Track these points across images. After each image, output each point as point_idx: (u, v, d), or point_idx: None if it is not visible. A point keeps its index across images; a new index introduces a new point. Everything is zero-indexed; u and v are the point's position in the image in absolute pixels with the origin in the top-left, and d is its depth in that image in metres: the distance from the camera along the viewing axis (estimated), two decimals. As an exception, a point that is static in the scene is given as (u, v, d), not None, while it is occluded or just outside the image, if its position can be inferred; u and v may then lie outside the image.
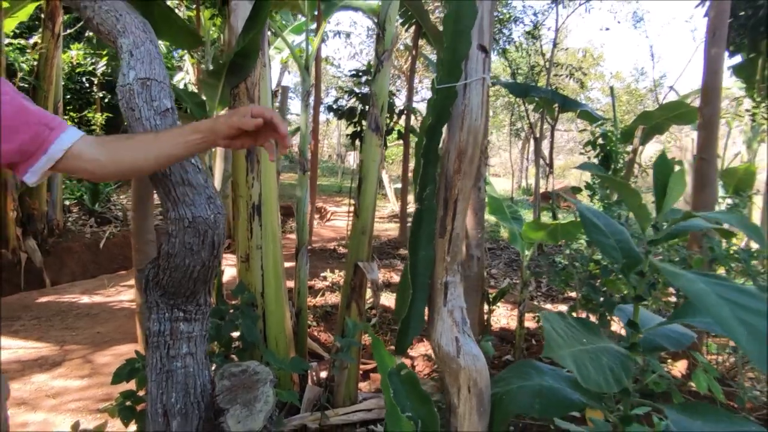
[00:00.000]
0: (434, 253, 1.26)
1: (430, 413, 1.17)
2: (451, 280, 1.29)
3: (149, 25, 1.51)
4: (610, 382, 0.97)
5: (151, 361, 1.57)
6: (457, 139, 1.20)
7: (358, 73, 7.62)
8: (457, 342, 1.25)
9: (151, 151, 1.14)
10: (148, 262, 1.60)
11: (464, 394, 1.24)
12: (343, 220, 9.55)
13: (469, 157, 1.20)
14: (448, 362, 1.26)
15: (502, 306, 5.21)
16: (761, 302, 0.79)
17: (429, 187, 1.22)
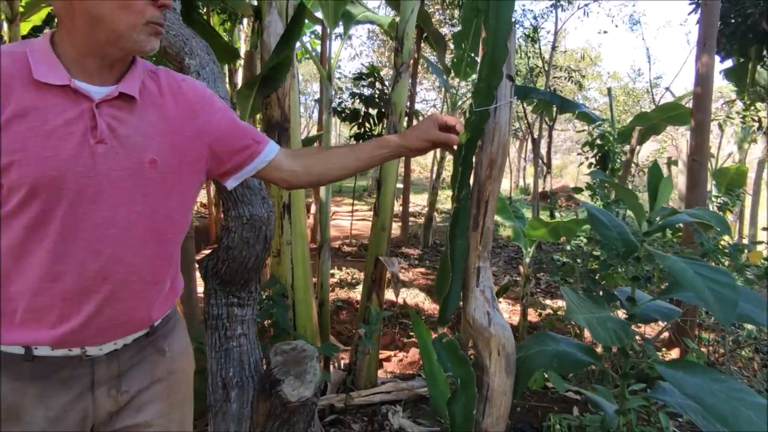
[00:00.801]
0: (468, 243, 1.50)
1: (467, 372, 1.41)
2: (483, 266, 1.53)
3: (211, 48, 1.73)
4: (614, 339, 1.20)
5: (210, 341, 1.79)
6: (489, 151, 1.45)
7: (361, 75, 7.85)
8: (488, 315, 1.49)
9: (342, 164, 1.29)
10: (205, 256, 1.83)
11: (495, 356, 1.48)
12: (345, 219, 9.76)
13: (498, 165, 1.45)
14: (481, 331, 1.50)
15: (504, 302, 5.45)
16: (727, 277, 1.02)
17: (465, 190, 1.46)
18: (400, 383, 2.87)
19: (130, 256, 1.02)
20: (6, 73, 0.90)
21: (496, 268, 7.21)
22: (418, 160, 21.74)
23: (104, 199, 0.97)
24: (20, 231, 0.93)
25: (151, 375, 1.12)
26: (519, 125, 16.01)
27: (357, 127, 7.54)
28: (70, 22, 0.95)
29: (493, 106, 1.40)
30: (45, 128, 0.91)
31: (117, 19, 0.94)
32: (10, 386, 0.95)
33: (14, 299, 0.95)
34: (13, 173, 0.89)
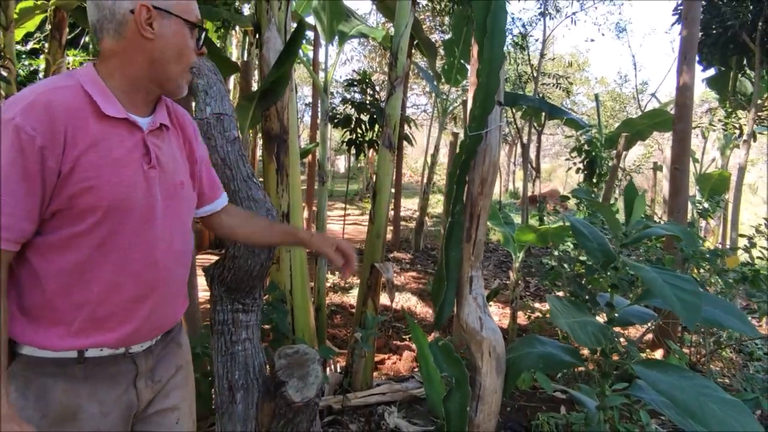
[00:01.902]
0: (461, 254, 1.61)
1: (461, 372, 1.52)
2: (475, 275, 1.64)
3: (217, 68, 1.83)
4: (593, 341, 1.32)
5: (216, 346, 1.88)
6: (481, 170, 1.58)
7: (352, 81, 7.96)
8: (480, 320, 1.61)
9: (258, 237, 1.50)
10: (212, 264, 1.92)
11: (486, 357, 1.59)
12: (337, 224, 9.85)
13: (489, 183, 1.58)
14: (473, 335, 1.61)
15: (494, 305, 5.57)
16: (692, 284, 1.15)
17: (459, 205, 1.58)
18: (395, 385, 2.98)
19: (172, 265, 1.18)
20: (76, 107, 1.01)
21: (487, 272, 7.33)
22: (409, 164, 21.89)
23: (155, 218, 1.11)
24: (89, 248, 1.04)
25: (175, 364, 1.28)
26: (509, 130, 16.21)
27: (349, 132, 7.65)
28: (127, 58, 1.08)
29: (485, 131, 1.52)
30: (113, 156, 1.04)
31: (172, 64, 1.11)
32: (63, 388, 1.05)
33: (74, 310, 1.05)
34: (89, 198, 1.01)
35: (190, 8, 1.13)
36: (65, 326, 1.05)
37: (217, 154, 1.71)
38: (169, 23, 1.09)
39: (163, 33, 1.09)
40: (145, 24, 1.06)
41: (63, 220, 1.02)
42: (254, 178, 1.80)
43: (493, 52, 1.44)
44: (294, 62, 2.46)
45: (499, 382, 1.61)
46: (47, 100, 0.98)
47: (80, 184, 1.00)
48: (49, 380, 1.05)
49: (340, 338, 4.21)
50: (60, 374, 1.06)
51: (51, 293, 1.04)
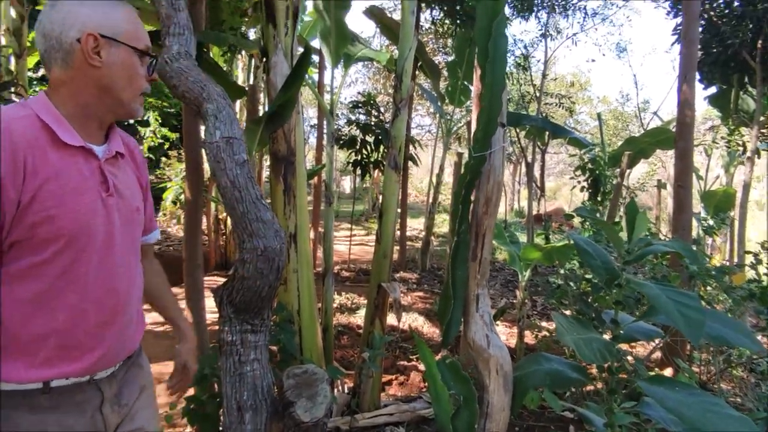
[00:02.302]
0: (467, 273, 1.64)
1: (469, 390, 1.53)
2: (481, 293, 1.66)
3: (226, 92, 1.88)
4: (599, 358, 1.33)
5: (225, 366, 1.89)
6: (485, 189, 1.61)
7: (357, 104, 8.06)
8: (487, 338, 1.63)
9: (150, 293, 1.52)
10: (220, 285, 1.94)
11: (493, 375, 1.60)
12: (343, 244, 9.88)
13: (494, 202, 1.61)
14: (480, 352, 1.63)
15: (501, 324, 5.55)
16: (695, 301, 1.16)
17: (464, 224, 1.61)
18: (403, 405, 2.97)
19: (131, 289, 1.21)
20: (35, 136, 1.02)
21: (493, 291, 7.31)
22: (415, 184, 21.96)
23: (114, 244, 1.14)
24: (51, 277, 1.04)
25: (139, 386, 1.31)
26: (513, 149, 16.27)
27: (354, 153, 7.72)
28: (77, 87, 1.09)
29: (489, 152, 1.56)
30: (72, 185, 1.05)
31: (122, 91, 1.13)
32: (29, 421, 1.04)
33: (38, 340, 1.04)
34: (50, 227, 1.01)
35: (138, 36, 1.15)
36: (30, 357, 1.04)
37: (227, 177, 1.74)
38: (117, 51, 1.11)
39: (111, 61, 1.10)
40: (92, 53, 1.08)
41: (23, 250, 1.02)
42: (263, 200, 1.83)
43: (494, 76, 1.48)
44: (300, 86, 2.51)
45: (507, 399, 1.61)
46: (8, 130, 0.99)
47: (41, 213, 1.00)
48: (14, 413, 1.03)
49: (348, 359, 4.20)
50: (25, 405, 1.04)
51: (13, 324, 1.03)
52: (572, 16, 9.30)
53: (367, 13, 6.38)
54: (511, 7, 8.15)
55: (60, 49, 1.07)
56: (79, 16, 1.08)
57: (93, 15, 1.09)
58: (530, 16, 8.61)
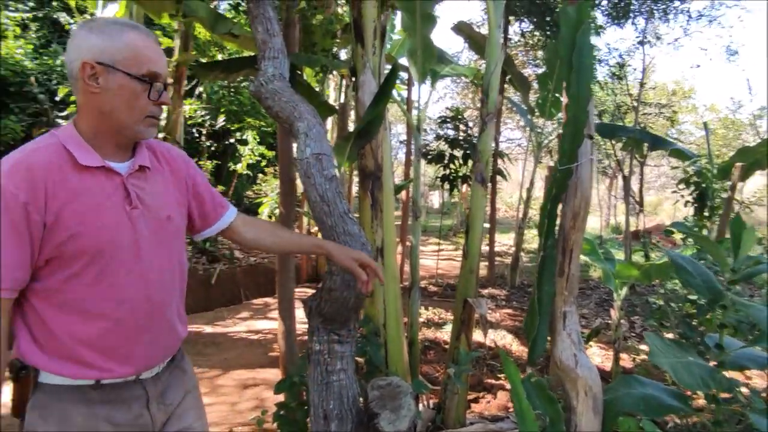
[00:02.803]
0: (554, 289, 1.59)
1: (555, 411, 1.47)
2: (569, 310, 1.61)
3: (316, 111, 1.96)
4: (701, 385, 1.23)
5: (312, 375, 1.96)
6: (573, 204, 1.57)
7: (445, 119, 8.07)
8: (575, 357, 1.56)
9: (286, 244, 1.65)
10: (309, 296, 2.02)
11: (581, 396, 1.54)
12: (431, 258, 9.86)
13: (581, 217, 1.56)
14: (568, 372, 1.57)
15: (595, 346, 5.27)
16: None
17: (551, 239, 1.57)
18: (489, 425, 2.90)
19: (165, 296, 1.28)
20: (55, 163, 1.12)
21: (587, 311, 6.98)
22: (504, 199, 21.55)
23: (143, 253, 1.22)
24: (85, 288, 1.15)
25: (183, 389, 1.39)
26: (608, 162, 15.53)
27: (443, 168, 7.72)
28: (86, 111, 1.19)
29: (575, 165, 1.51)
30: (94, 203, 1.15)
31: (122, 114, 1.18)
32: (82, 413, 1.16)
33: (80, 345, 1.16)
34: (76, 243, 1.12)
35: (140, 62, 1.18)
36: (77, 358, 1.16)
37: (316, 192, 1.82)
38: (114, 78, 1.16)
39: (108, 87, 1.16)
40: (89, 80, 1.15)
41: (56, 265, 1.13)
42: (350, 214, 1.88)
43: (580, 87, 1.44)
44: (387, 103, 2.57)
45: (597, 423, 1.53)
46: (28, 161, 1.10)
47: (66, 232, 1.11)
48: (69, 406, 1.16)
49: (434, 374, 4.18)
50: (78, 400, 1.17)
51: (57, 331, 1.15)
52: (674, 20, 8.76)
53: (455, 29, 6.40)
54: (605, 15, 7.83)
55: (71, 77, 1.17)
56: (82, 44, 1.15)
57: (95, 43, 1.15)
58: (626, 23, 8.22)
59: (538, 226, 1.63)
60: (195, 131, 11.36)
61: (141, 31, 1.20)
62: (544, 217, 1.56)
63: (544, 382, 1.55)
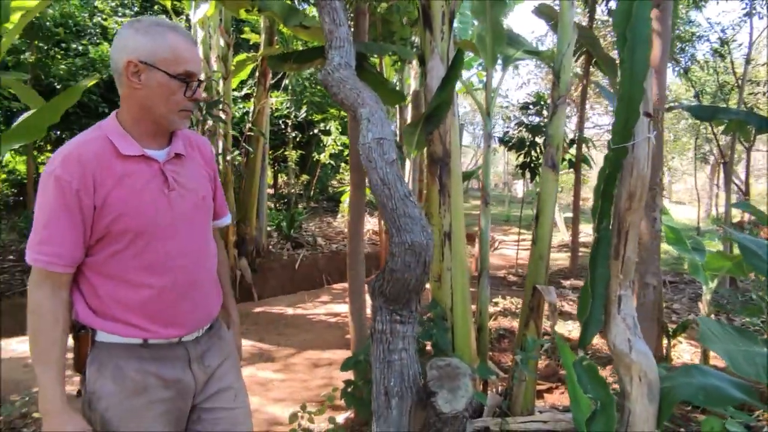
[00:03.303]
0: (609, 271, 1.55)
1: (607, 395, 1.44)
2: (624, 294, 1.56)
3: (379, 97, 2.01)
4: (761, 374, 1.16)
5: (375, 353, 2.03)
6: (628, 184, 1.51)
7: (528, 105, 7.86)
8: (629, 342, 1.52)
9: None
10: (373, 276, 2.08)
11: (636, 382, 1.49)
12: (511, 249, 9.69)
13: (637, 197, 1.50)
14: (622, 357, 1.53)
15: (685, 341, 4.98)
16: None
17: (605, 220, 1.53)
18: (559, 414, 2.84)
19: (202, 269, 1.45)
20: (101, 153, 1.28)
21: (679, 306, 6.60)
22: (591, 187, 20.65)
23: (182, 231, 1.38)
24: (130, 261, 1.31)
25: (220, 354, 1.52)
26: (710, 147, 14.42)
27: (523, 155, 7.54)
28: (129, 104, 1.33)
29: (630, 143, 1.46)
30: (136, 188, 1.31)
31: (160, 108, 1.32)
32: (134, 367, 1.33)
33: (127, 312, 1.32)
34: (121, 224, 1.28)
35: (177, 61, 1.30)
36: (124, 322, 1.33)
37: (377, 175, 1.87)
38: (153, 75, 1.28)
39: (148, 83, 1.29)
40: (131, 76, 1.28)
41: (105, 243, 1.29)
42: (411, 197, 1.92)
43: (634, 62, 1.38)
44: (455, 87, 2.57)
45: (652, 410, 1.48)
46: (78, 152, 1.26)
47: (112, 214, 1.27)
48: (122, 361, 1.32)
49: (507, 363, 4.14)
50: (130, 356, 1.33)
51: (106, 298, 1.31)
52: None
53: (536, 11, 6.20)
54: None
55: (116, 71, 1.31)
56: (128, 43, 1.28)
57: (139, 43, 1.27)
58: (730, -4, 7.59)
59: (592, 209, 1.59)
60: (281, 123, 11.80)
61: (180, 33, 1.33)
62: (598, 198, 1.52)
63: (595, 365, 1.51)
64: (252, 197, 7.74)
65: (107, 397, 1.31)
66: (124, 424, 1.31)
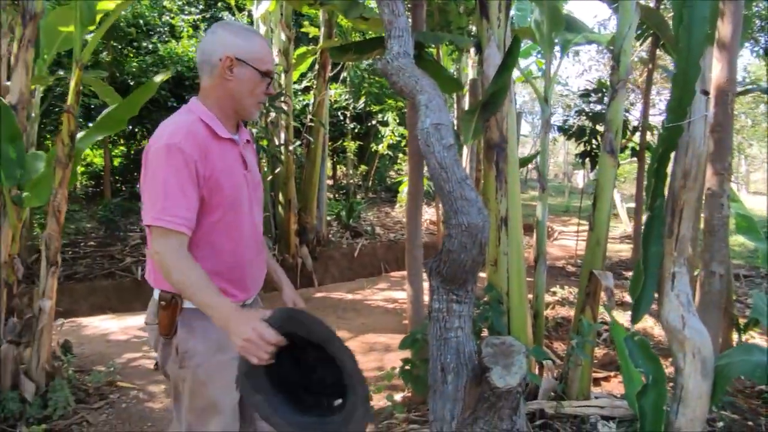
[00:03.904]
0: (662, 249, 1.56)
1: (658, 370, 1.47)
2: (678, 271, 1.57)
3: (437, 85, 2.08)
4: None
5: (432, 331, 2.11)
6: (683, 162, 1.52)
7: (588, 92, 7.66)
8: (683, 319, 1.53)
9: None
10: (431, 257, 2.16)
11: (689, 358, 1.50)
12: (571, 239, 9.49)
13: (693, 176, 1.50)
14: (675, 334, 1.54)
15: (759, 337, 4.78)
16: None
17: (659, 199, 1.54)
18: (616, 400, 2.84)
19: (261, 242, 1.65)
20: (204, 133, 1.46)
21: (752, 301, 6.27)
22: (658, 177, 19.77)
23: (252, 206, 1.59)
24: (218, 231, 1.48)
25: None
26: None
27: (583, 144, 7.38)
28: (216, 94, 1.51)
29: (686, 121, 1.46)
30: (227, 165, 1.49)
31: (245, 98, 1.52)
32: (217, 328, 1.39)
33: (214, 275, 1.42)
34: (218, 195, 1.45)
35: (263, 60, 1.51)
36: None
37: (435, 159, 1.94)
38: (244, 70, 1.47)
39: (239, 77, 1.48)
40: (227, 69, 1.46)
41: (203, 212, 1.44)
42: (468, 180, 1.98)
43: (691, 40, 1.38)
44: (511, 74, 2.60)
45: (705, 386, 1.48)
46: (192, 129, 1.43)
47: (213, 186, 1.44)
48: (207, 323, 1.40)
49: (563, 351, 4.13)
50: None
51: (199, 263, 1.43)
52: None
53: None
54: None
55: (209, 63, 1.48)
56: (225, 41, 1.47)
57: (235, 42, 1.47)
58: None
59: (645, 187, 1.59)
60: (339, 114, 12.00)
61: (262, 38, 1.58)
62: (651, 176, 1.53)
63: (647, 341, 1.53)
64: (312, 187, 7.95)
65: (198, 355, 1.48)
66: (212, 378, 1.49)
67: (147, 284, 1.61)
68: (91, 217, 8.51)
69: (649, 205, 1.56)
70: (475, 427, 1.97)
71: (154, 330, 1.55)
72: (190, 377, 1.48)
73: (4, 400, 2.90)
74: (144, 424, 3.02)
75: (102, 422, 3.00)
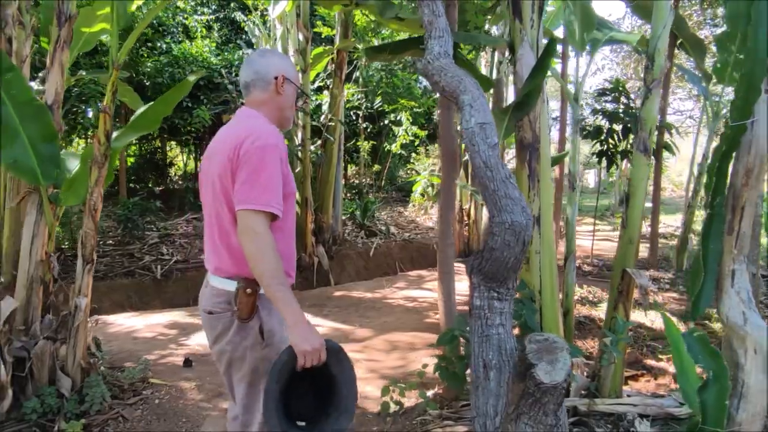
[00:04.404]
0: (722, 247, 1.59)
1: (720, 366, 1.49)
2: (738, 268, 1.59)
3: (479, 84, 2.11)
4: None
5: (473, 328, 2.14)
6: (746, 161, 1.55)
7: (604, 91, 7.64)
8: (744, 315, 1.55)
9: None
10: (471, 255, 2.19)
11: (750, 354, 1.53)
12: (586, 239, 9.48)
13: (755, 174, 1.53)
14: (736, 330, 1.57)
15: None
16: None
17: (719, 197, 1.57)
18: (648, 399, 2.86)
19: None
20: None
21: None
22: (672, 178, 19.76)
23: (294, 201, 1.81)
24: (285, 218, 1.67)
25: None
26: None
27: (600, 144, 7.37)
28: (268, 107, 1.79)
29: (750, 121, 1.48)
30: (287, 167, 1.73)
31: (288, 110, 1.85)
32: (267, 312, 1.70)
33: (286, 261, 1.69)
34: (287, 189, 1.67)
35: (298, 80, 1.86)
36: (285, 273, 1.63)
37: (480, 158, 1.97)
38: (290, 87, 1.82)
39: (286, 93, 1.80)
40: (280, 86, 1.77)
41: None
42: (511, 179, 2.01)
43: (758, 41, 1.40)
44: (545, 75, 2.62)
45: (766, 382, 1.50)
46: (279, 132, 1.72)
47: (285, 180, 1.66)
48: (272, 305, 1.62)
49: (587, 349, 4.14)
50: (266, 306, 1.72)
51: None
52: None
53: (618, -7, 6.04)
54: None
55: (264, 80, 1.77)
56: (277, 63, 1.80)
57: (283, 64, 1.82)
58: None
59: (705, 185, 1.61)
60: (352, 114, 12.04)
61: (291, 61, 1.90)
62: (712, 175, 1.55)
63: (706, 336, 1.55)
64: (329, 186, 7.99)
65: (278, 333, 1.71)
66: None
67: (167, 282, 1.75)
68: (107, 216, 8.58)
69: (708, 203, 1.58)
70: (519, 422, 1.99)
71: (223, 318, 1.70)
72: (274, 354, 1.64)
73: (42, 395, 2.95)
74: (179, 420, 3.06)
75: (137, 418, 3.04)
